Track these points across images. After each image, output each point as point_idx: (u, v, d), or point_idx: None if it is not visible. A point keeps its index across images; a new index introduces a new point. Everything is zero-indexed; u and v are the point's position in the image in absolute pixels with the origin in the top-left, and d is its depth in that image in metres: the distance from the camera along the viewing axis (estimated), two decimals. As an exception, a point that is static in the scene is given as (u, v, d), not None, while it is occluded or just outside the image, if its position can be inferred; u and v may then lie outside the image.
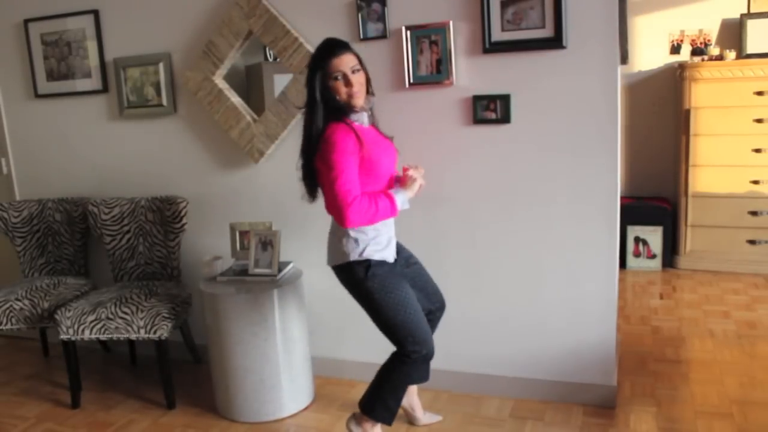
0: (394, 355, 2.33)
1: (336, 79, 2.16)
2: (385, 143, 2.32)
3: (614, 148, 2.54)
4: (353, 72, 2.18)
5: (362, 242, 2.23)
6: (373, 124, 2.35)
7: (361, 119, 2.24)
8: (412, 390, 2.66)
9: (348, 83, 2.17)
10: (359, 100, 2.21)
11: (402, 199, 2.24)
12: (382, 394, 2.34)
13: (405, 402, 2.65)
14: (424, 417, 2.68)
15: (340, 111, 2.19)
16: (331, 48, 2.18)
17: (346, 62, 2.16)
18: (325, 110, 2.18)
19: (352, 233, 2.23)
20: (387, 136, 2.37)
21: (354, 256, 2.23)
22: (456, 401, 2.85)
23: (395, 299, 2.24)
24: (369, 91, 2.28)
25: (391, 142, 2.37)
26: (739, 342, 3.28)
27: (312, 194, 2.30)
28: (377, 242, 2.25)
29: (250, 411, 2.78)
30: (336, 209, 2.13)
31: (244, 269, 2.90)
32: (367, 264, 2.23)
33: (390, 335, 2.29)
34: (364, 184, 2.18)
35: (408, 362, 2.29)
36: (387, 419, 2.37)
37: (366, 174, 2.19)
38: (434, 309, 2.52)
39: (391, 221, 2.34)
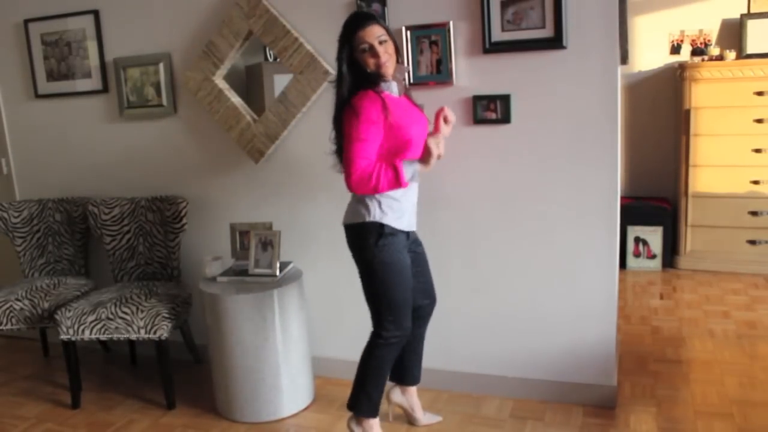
0: (369, 341, 2.37)
1: (363, 51, 2.17)
2: (416, 113, 2.32)
3: (614, 148, 2.54)
4: (380, 43, 2.17)
5: (385, 206, 2.24)
6: (406, 93, 2.35)
7: (390, 88, 2.25)
8: (412, 390, 2.66)
9: (374, 54, 2.17)
10: (388, 69, 2.21)
11: (410, 171, 2.24)
12: (364, 386, 2.38)
13: (405, 402, 2.66)
14: (424, 417, 2.68)
15: (370, 81, 2.21)
16: (357, 20, 2.20)
17: (372, 33, 2.16)
18: (355, 81, 2.20)
19: (377, 196, 2.24)
20: (418, 105, 2.38)
21: (370, 218, 2.24)
22: (456, 401, 2.85)
23: (394, 276, 2.27)
24: (398, 60, 2.29)
25: (421, 112, 2.37)
26: (739, 342, 3.28)
27: None
28: (400, 209, 2.27)
29: (250, 411, 2.78)
30: (345, 174, 2.19)
31: (244, 269, 2.90)
32: (381, 231, 2.23)
33: (374, 309, 2.32)
34: (393, 151, 2.20)
35: (382, 345, 2.33)
36: (372, 411, 2.40)
37: (393, 141, 2.19)
38: (425, 304, 2.53)
39: (414, 188, 2.35)
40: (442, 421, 2.69)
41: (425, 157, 2.21)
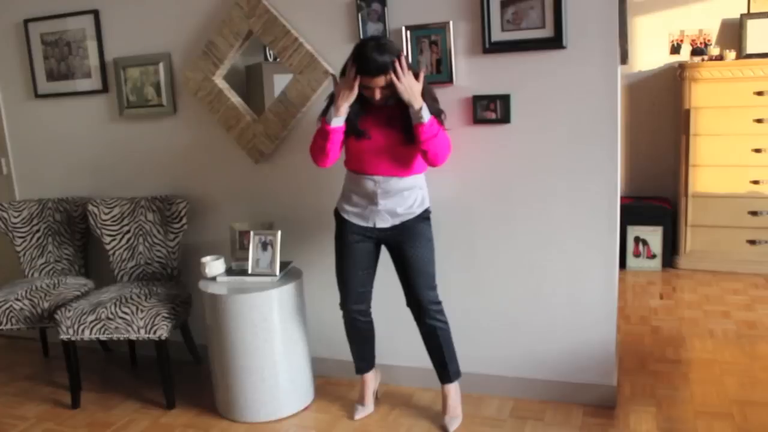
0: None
1: (366, 88, 2.36)
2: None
3: (614, 148, 2.54)
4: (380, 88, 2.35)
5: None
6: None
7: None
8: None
9: (372, 95, 2.37)
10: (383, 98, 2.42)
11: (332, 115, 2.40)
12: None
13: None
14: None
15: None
16: (366, 66, 2.30)
17: (376, 83, 2.32)
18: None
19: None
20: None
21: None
22: (456, 401, 2.84)
23: (338, 250, 2.59)
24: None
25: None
26: (739, 342, 3.28)
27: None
28: (345, 197, 2.56)
29: (250, 411, 2.78)
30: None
31: (244, 269, 2.89)
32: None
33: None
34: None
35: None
36: (356, 369, 2.76)
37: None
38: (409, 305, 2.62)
39: (365, 192, 2.49)
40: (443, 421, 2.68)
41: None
